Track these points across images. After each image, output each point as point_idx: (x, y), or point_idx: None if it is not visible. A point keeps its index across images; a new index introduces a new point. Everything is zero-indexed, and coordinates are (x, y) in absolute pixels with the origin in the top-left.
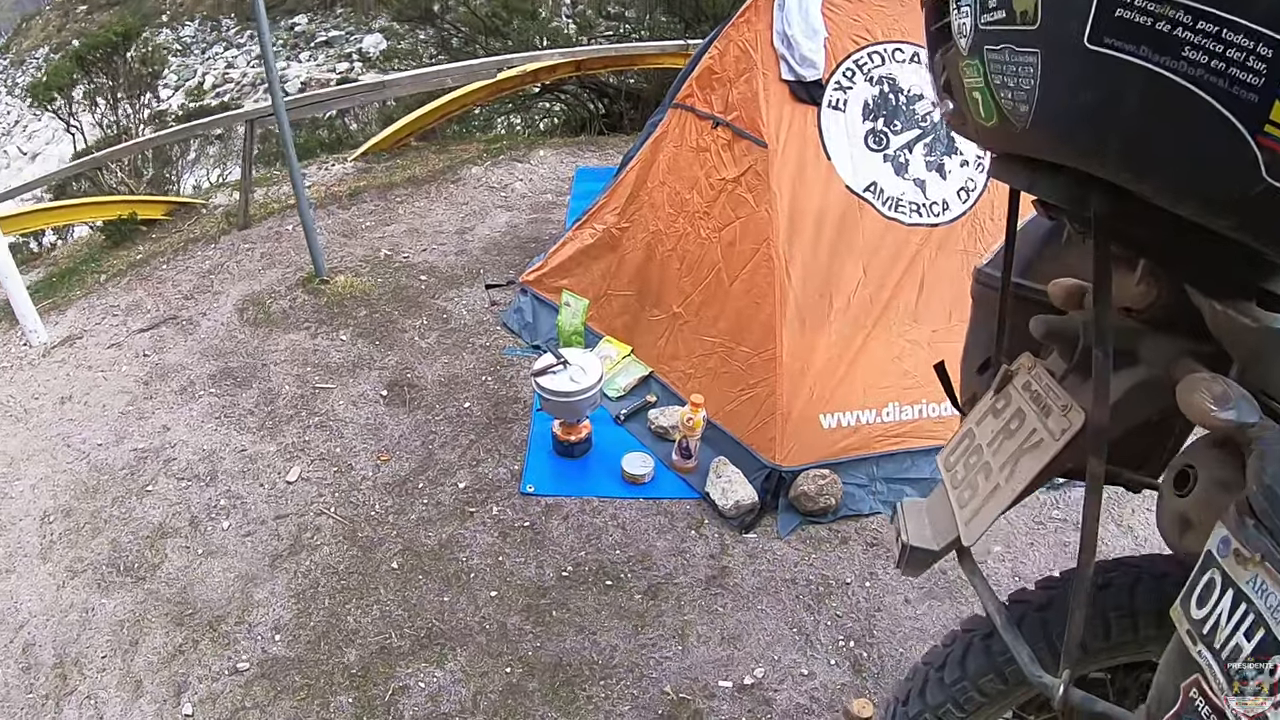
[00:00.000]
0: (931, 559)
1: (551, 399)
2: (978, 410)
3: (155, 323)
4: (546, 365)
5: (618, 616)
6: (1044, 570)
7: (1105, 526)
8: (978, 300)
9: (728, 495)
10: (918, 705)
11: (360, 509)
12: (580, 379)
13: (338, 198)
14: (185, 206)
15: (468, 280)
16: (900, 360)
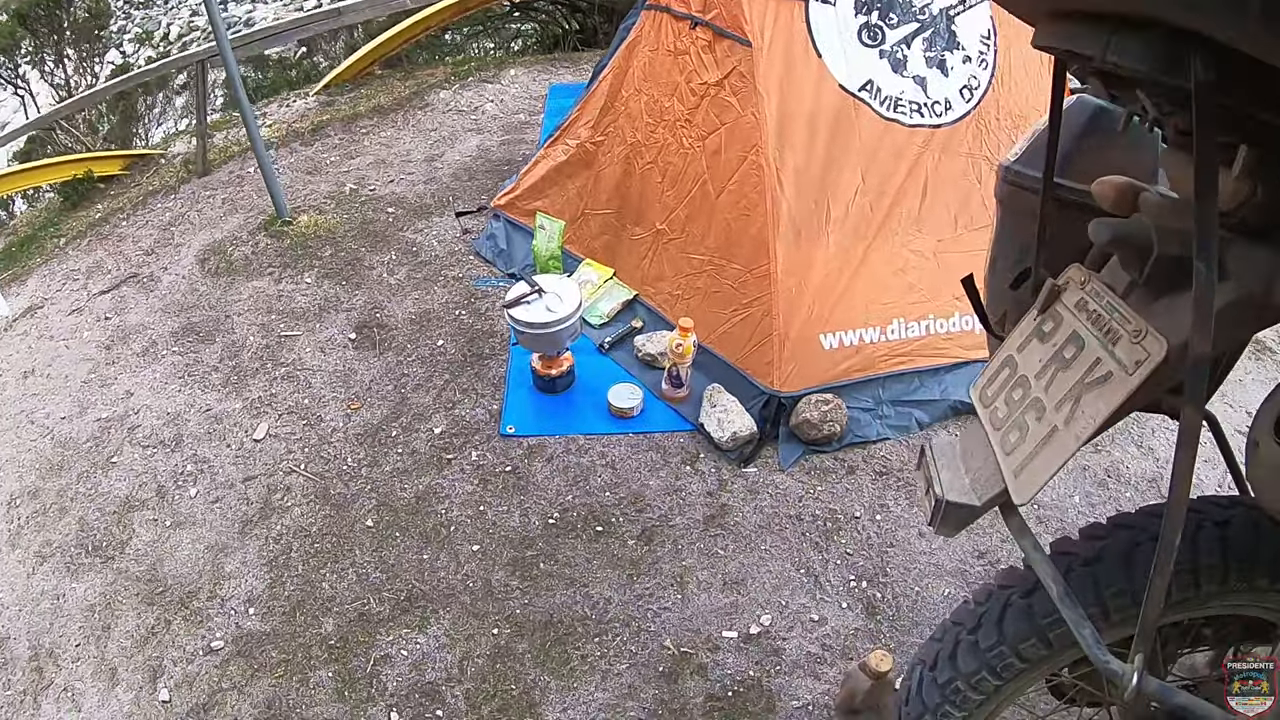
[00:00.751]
0: (971, 516)
1: (527, 332)
2: (1017, 334)
3: (116, 283)
4: (519, 295)
5: (610, 566)
6: (1069, 508)
7: (1125, 449)
8: (1007, 203)
9: (724, 426)
10: (948, 672)
11: (331, 464)
12: (557, 308)
13: (300, 134)
14: (143, 159)
15: (438, 210)
16: (904, 273)
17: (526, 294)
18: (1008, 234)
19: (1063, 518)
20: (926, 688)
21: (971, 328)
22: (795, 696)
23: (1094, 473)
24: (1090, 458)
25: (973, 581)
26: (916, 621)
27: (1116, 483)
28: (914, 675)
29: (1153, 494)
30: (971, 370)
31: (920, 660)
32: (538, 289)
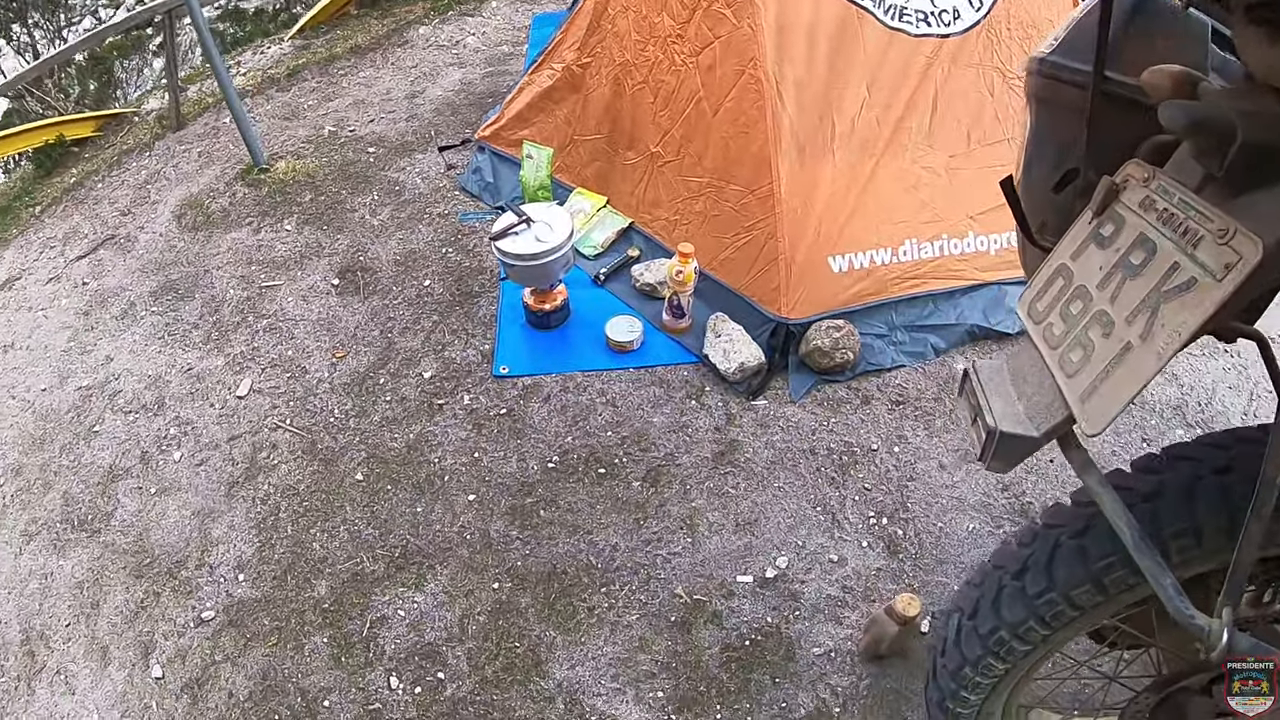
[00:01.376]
0: (1029, 448)
1: (516, 264)
2: (1069, 240)
3: (93, 247)
4: (506, 226)
5: (615, 510)
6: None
7: None
8: (1044, 99)
9: (730, 356)
10: (991, 621)
11: (318, 417)
12: (547, 237)
13: (276, 81)
14: (116, 119)
15: (420, 146)
16: (915, 190)
17: (514, 224)
18: (1045, 133)
19: (1090, 446)
20: (966, 638)
21: (987, 249)
22: (816, 643)
23: (1132, 409)
24: None
25: (997, 516)
26: (941, 560)
27: (1140, 409)
28: (950, 624)
29: (1176, 421)
30: (988, 293)
31: (957, 608)
32: (525, 218)
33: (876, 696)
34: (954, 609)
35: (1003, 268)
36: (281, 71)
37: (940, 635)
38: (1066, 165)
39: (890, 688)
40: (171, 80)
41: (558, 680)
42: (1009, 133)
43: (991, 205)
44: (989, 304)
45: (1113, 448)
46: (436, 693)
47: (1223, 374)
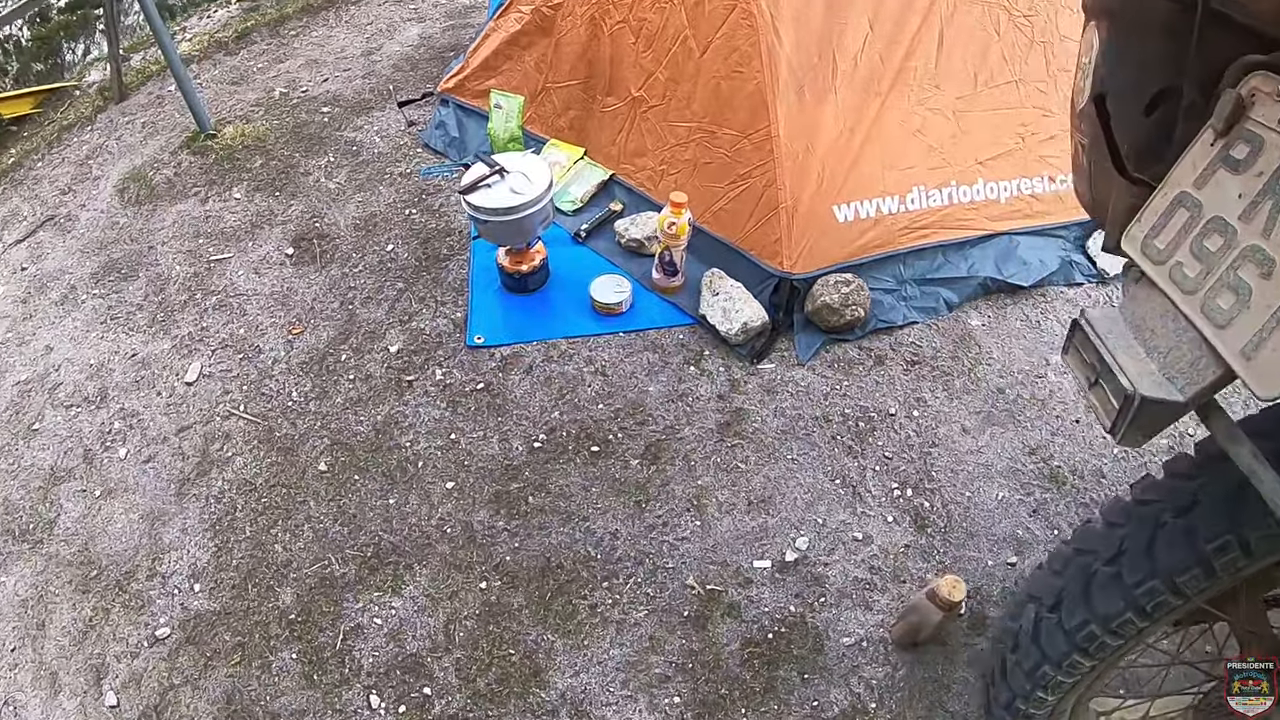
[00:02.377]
0: (1172, 415)
1: (490, 221)
2: (1188, 166)
3: (31, 229)
4: (477, 178)
5: (613, 492)
6: None
7: None
8: (1118, 14)
9: (731, 317)
10: (1080, 614)
11: (275, 401)
12: (524, 188)
13: (223, 44)
14: (56, 93)
15: (378, 104)
16: (922, 134)
17: (485, 176)
18: (1122, 51)
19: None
20: (1047, 634)
21: (997, 196)
22: (846, 632)
23: None
24: None
25: (1027, 483)
26: (971, 533)
27: None
28: (1025, 617)
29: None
30: (999, 244)
31: (1032, 598)
32: (498, 169)
33: (914, 687)
34: (1027, 599)
35: (1014, 217)
36: (229, 35)
37: (1009, 629)
38: (1153, 86)
39: (928, 677)
40: (113, 49)
41: (560, 690)
42: (1016, 74)
43: (1001, 150)
44: (1000, 255)
45: None
46: (424, 711)
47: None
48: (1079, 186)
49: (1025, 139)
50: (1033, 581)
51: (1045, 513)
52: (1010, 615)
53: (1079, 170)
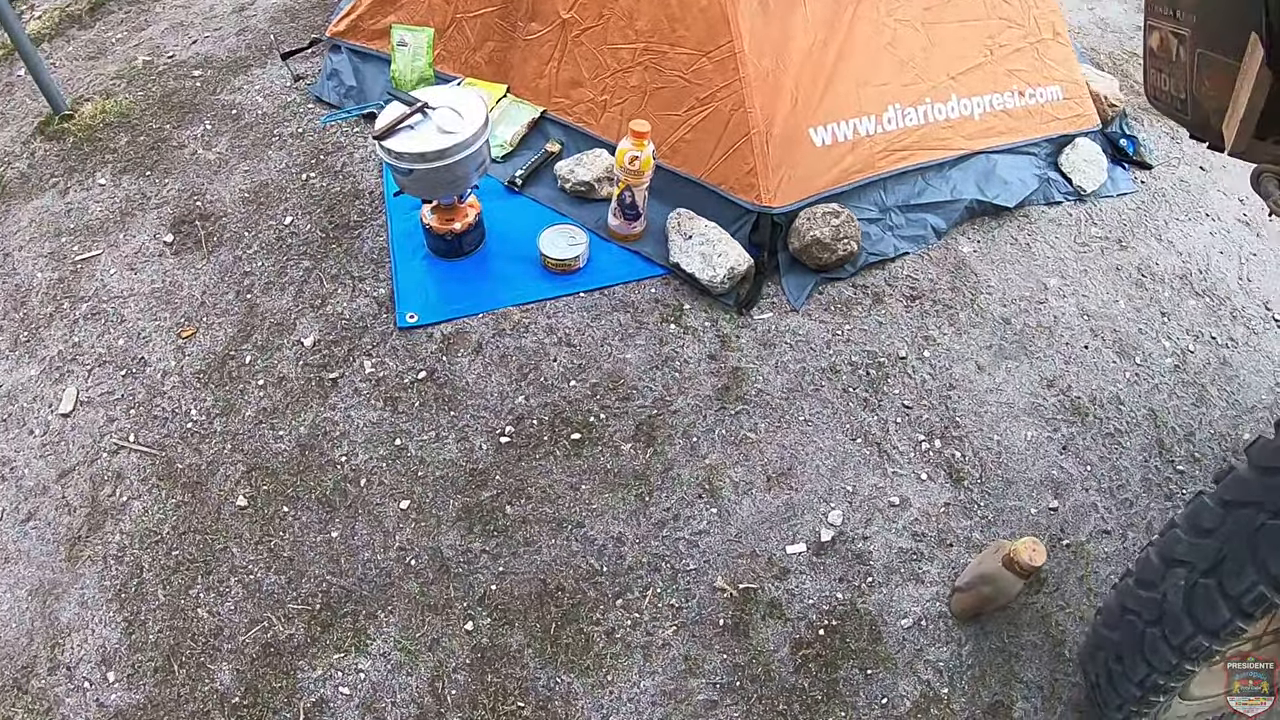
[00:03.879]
0: None
1: (416, 170)
2: None
3: None
4: (396, 118)
5: (608, 487)
6: (1117, 315)
7: (1147, 244)
8: None
9: (713, 262)
10: (1249, 576)
11: (171, 424)
12: (455, 125)
13: (76, 18)
14: None
15: (257, 61)
16: (894, 48)
17: (405, 115)
18: None
19: (1115, 327)
20: (1204, 602)
21: (970, 113)
22: (901, 612)
23: (1127, 272)
24: (1118, 255)
25: (1051, 418)
26: (1008, 480)
27: (1152, 281)
28: (1175, 583)
29: (1187, 292)
30: (978, 164)
31: (1182, 560)
32: (420, 105)
33: (984, 661)
34: (1174, 560)
35: (988, 134)
36: (83, 7)
37: (1147, 600)
38: None
39: (995, 647)
40: None
41: None
42: None
43: (971, 64)
44: (981, 176)
45: (1134, 323)
46: None
47: (1210, 239)
48: (1160, 84)
49: (993, 51)
50: (1174, 545)
51: (1075, 448)
52: (1145, 584)
53: (1166, 65)
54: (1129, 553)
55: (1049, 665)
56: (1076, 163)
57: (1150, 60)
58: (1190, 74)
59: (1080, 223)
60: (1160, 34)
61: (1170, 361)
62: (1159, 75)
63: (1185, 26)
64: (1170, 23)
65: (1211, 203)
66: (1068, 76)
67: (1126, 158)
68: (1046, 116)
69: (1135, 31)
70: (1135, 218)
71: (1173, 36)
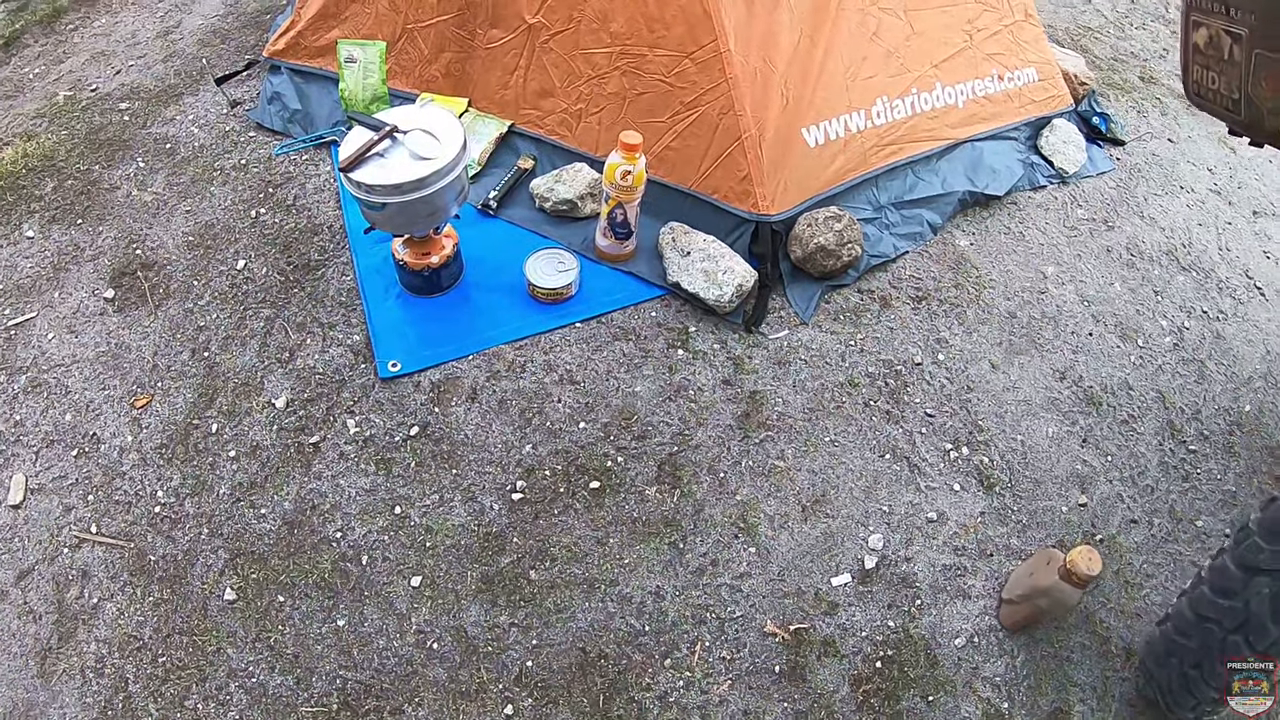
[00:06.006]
0: None
1: (391, 203)
2: None
3: None
4: (364, 146)
5: (638, 538)
6: (1114, 297)
7: (1131, 222)
8: None
9: (719, 280)
10: None
11: (135, 508)
12: (431, 150)
13: None
14: None
15: (188, 88)
16: (879, 38)
17: (373, 141)
18: None
19: (1114, 310)
20: None
21: (954, 101)
22: (954, 632)
23: (1117, 253)
24: (1107, 236)
25: (1069, 411)
26: (1037, 480)
27: (1141, 260)
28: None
29: (1174, 268)
30: (964, 154)
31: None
32: (388, 129)
33: (1037, 670)
34: (1256, 569)
35: (972, 122)
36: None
37: (1229, 609)
38: None
39: (1046, 654)
40: None
41: None
42: None
43: (953, 50)
44: (969, 166)
45: (1131, 305)
46: None
47: (1188, 211)
48: (1206, 82)
49: (973, 36)
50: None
51: (1094, 440)
52: (1224, 592)
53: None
54: (1157, 541)
55: (1099, 664)
56: (1056, 145)
57: (1195, 57)
58: (1245, 73)
59: (1066, 205)
60: (1209, 31)
61: (1169, 340)
62: (1205, 73)
63: (1241, 25)
64: (1222, 20)
65: (1184, 175)
66: (1041, 57)
67: (1100, 135)
68: (1024, 100)
69: (1085, 5)
70: (1117, 196)
71: (1225, 34)
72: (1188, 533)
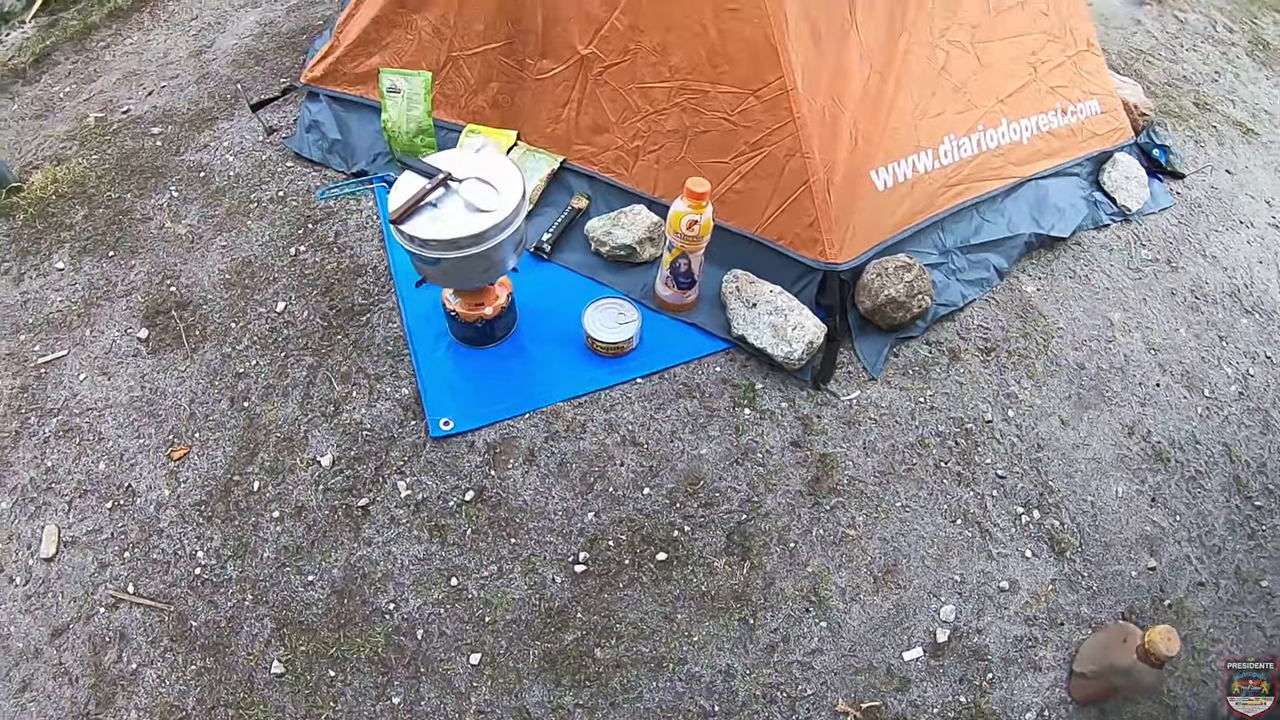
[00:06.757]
0: None
1: (447, 259)
2: None
3: None
4: (417, 195)
5: (707, 614)
6: (1182, 345)
7: (1194, 261)
8: None
9: (788, 335)
10: None
11: (174, 569)
12: (489, 201)
13: (20, 72)
14: None
15: (223, 112)
16: (948, 73)
17: (426, 190)
18: None
19: (1180, 358)
20: None
21: (1019, 137)
22: (1025, 705)
23: (1181, 296)
24: (1171, 278)
25: (1137, 469)
26: (1106, 543)
27: (1205, 302)
28: None
29: (1238, 310)
30: (1029, 193)
31: None
32: (442, 176)
33: None
34: None
35: (1036, 159)
36: (25, 59)
37: None
38: None
39: None
40: None
41: None
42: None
43: (1018, 84)
44: (1034, 206)
45: (1197, 351)
46: None
47: (1249, 248)
48: None
49: (1037, 68)
50: None
51: (1163, 499)
52: None
53: None
54: (1223, 604)
55: None
56: (1119, 181)
57: None
58: None
59: (1130, 245)
60: None
61: (1234, 389)
62: None
63: None
64: None
65: (1243, 209)
66: (1103, 88)
67: (1160, 168)
68: (1087, 133)
69: (1136, 26)
70: (1179, 234)
71: None
72: (1253, 593)
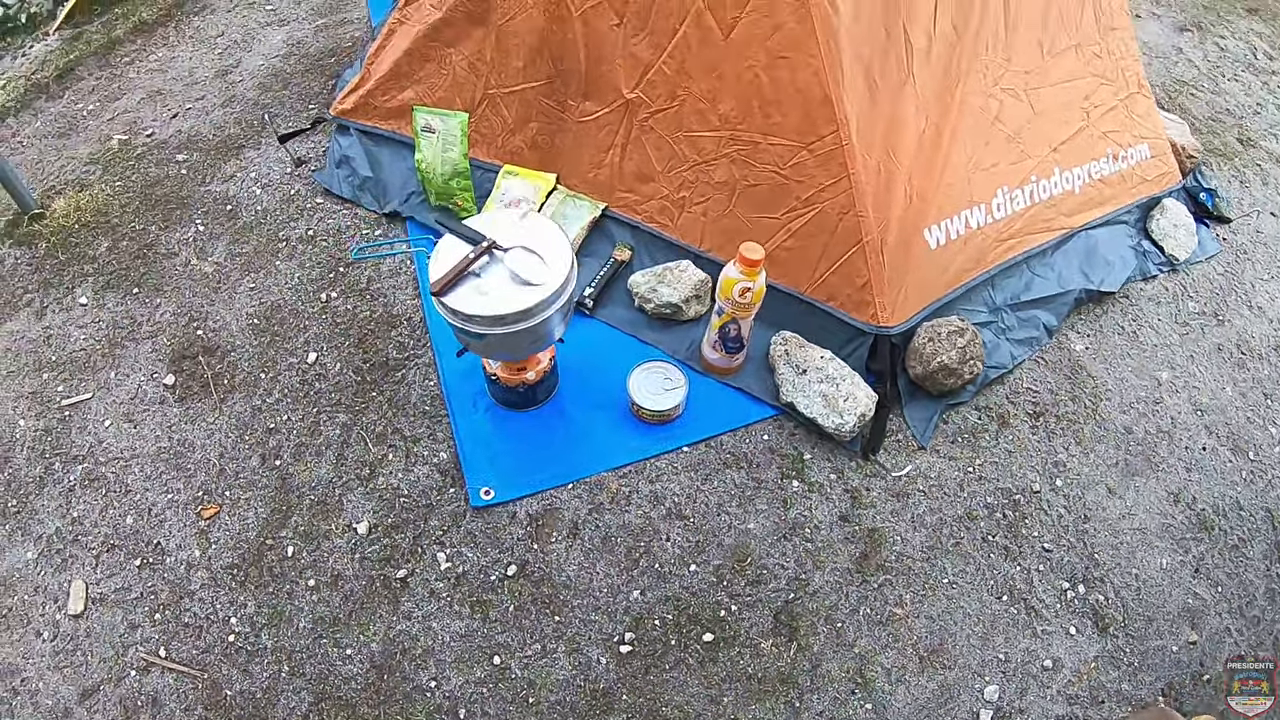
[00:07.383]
0: None
1: (492, 334)
2: None
3: None
4: (461, 265)
5: (753, 696)
6: (1228, 405)
7: (1239, 312)
8: None
9: (839, 406)
10: None
11: (207, 634)
12: (536, 273)
13: (43, 87)
14: None
15: (250, 139)
16: (1001, 122)
17: (469, 260)
18: None
19: (1227, 419)
20: None
21: (1072, 187)
22: None
23: (1228, 351)
24: (1217, 332)
25: (1182, 539)
26: (1149, 618)
27: (1251, 358)
28: None
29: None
30: (1079, 245)
31: None
32: (487, 244)
33: None
34: None
35: (1087, 208)
36: (49, 74)
37: None
38: None
39: None
40: None
41: None
42: (1074, 37)
43: (1071, 131)
44: (1084, 259)
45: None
46: None
47: None
48: None
49: (1089, 113)
50: None
51: (1205, 569)
52: None
53: None
54: None
55: None
56: (1167, 229)
57: None
58: None
59: (1178, 298)
60: None
61: (1278, 451)
62: None
63: None
64: None
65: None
66: (1153, 132)
67: (1207, 213)
68: (1136, 179)
69: (1177, 56)
70: (1225, 284)
71: None
72: None
